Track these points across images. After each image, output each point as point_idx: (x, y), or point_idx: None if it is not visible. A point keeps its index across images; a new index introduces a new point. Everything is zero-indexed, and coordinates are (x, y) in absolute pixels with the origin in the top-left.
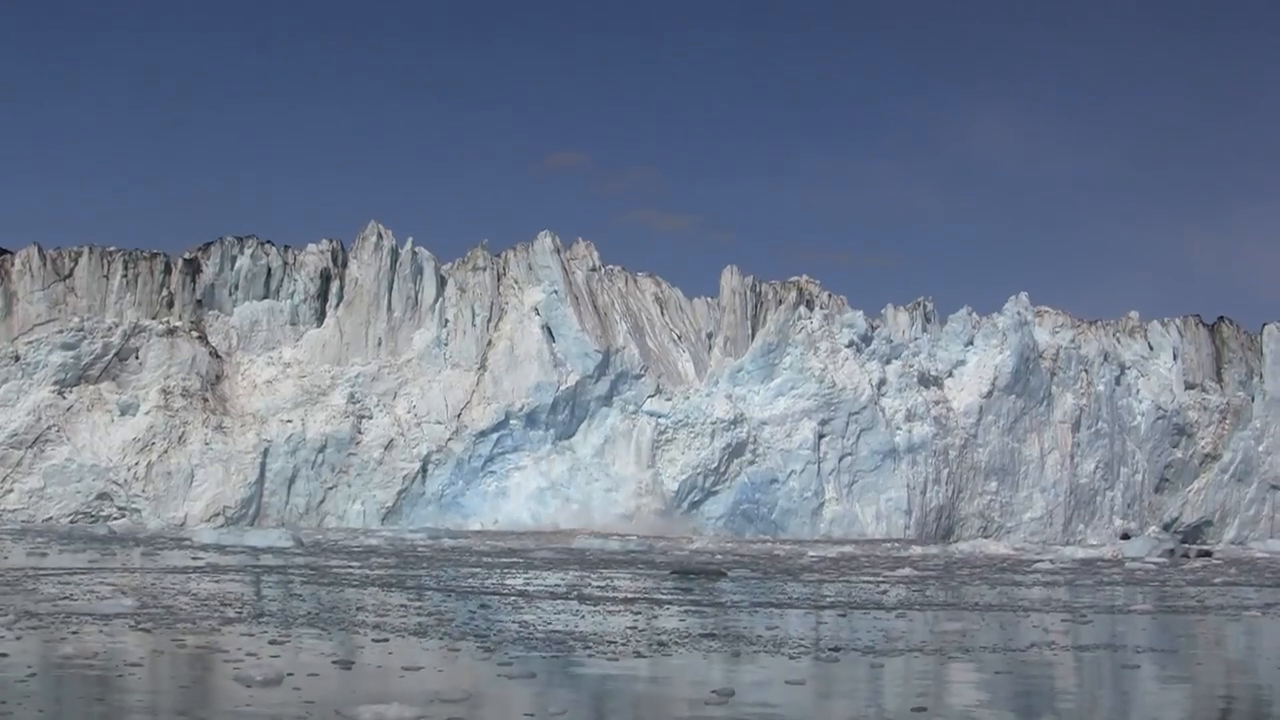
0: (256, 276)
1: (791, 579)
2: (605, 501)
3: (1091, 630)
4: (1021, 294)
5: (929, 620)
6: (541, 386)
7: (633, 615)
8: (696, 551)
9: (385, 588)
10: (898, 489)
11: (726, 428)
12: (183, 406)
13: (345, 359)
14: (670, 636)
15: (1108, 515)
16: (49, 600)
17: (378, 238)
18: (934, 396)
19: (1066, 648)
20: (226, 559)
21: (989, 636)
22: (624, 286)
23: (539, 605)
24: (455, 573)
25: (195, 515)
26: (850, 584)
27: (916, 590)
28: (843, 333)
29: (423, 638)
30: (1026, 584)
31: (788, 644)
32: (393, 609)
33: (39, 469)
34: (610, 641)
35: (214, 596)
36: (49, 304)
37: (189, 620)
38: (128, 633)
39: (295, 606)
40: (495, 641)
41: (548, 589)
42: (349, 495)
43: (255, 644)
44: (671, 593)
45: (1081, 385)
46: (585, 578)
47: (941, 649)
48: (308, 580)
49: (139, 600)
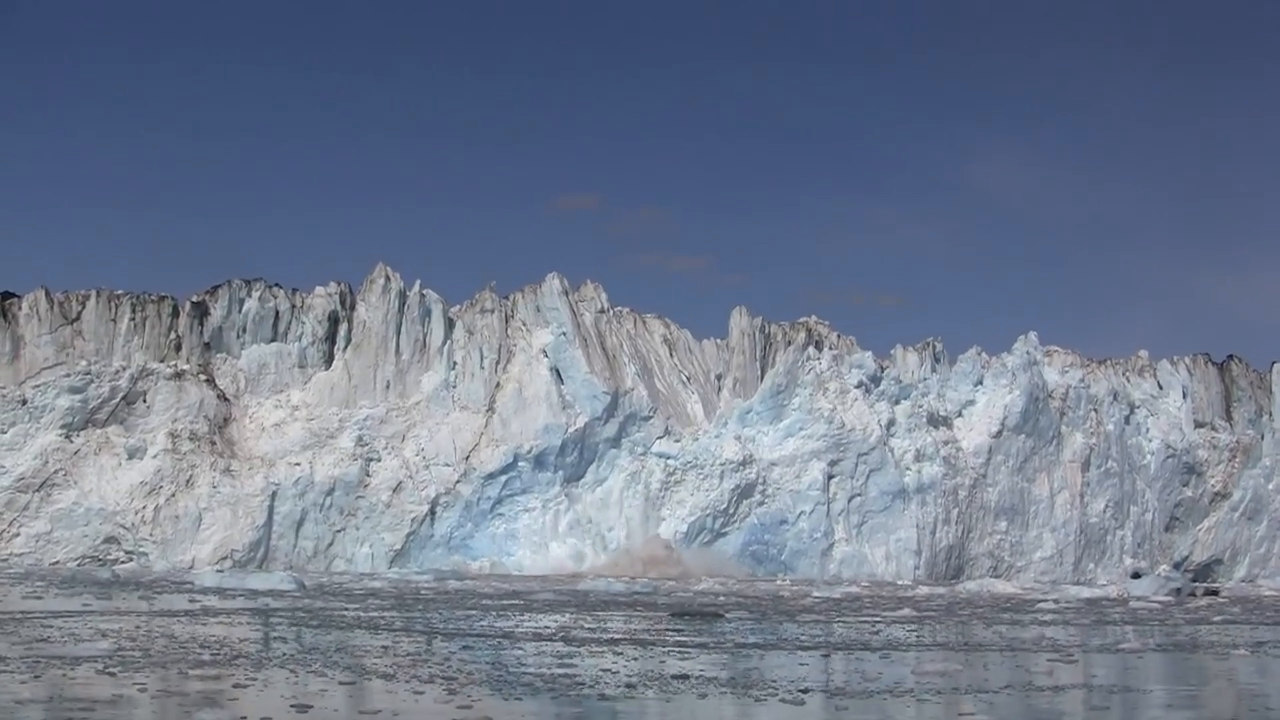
0: (264, 319)
1: (788, 620)
2: (614, 543)
3: (1072, 671)
4: (1030, 333)
5: (912, 661)
6: (550, 428)
7: (613, 657)
8: (702, 593)
9: (373, 630)
10: (907, 529)
11: (735, 469)
12: (190, 450)
13: (353, 401)
14: (642, 679)
15: (1118, 554)
16: (25, 643)
17: (385, 280)
18: (943, 436)
19: (1042, 689)
20: (223, 602)
21: (968, 677)
22: (633, 328)
23: (521, 647)
24: (449, 615)
25: (203, 558)
26: (846, 625)
27: (911, 631)
28: (852, 373)
29: (391, 680)
30: (1025, 623)
31: (758, 685)
32: (372, 651)
33: (46, 513)
34: (579, 683)
35: (194, 639)
36: (56, 347)
37: (160, 664)
38: (92, 676)
39: (274, 649)
40: (462, 684)
41: (537, 631)
42: (357, 538)
43: (218, 686)
44: (661, 634)
45: (1091, 424)
46: (579, 619)
47: (913, 690)
48: (296, 623)
49: (116, 643)
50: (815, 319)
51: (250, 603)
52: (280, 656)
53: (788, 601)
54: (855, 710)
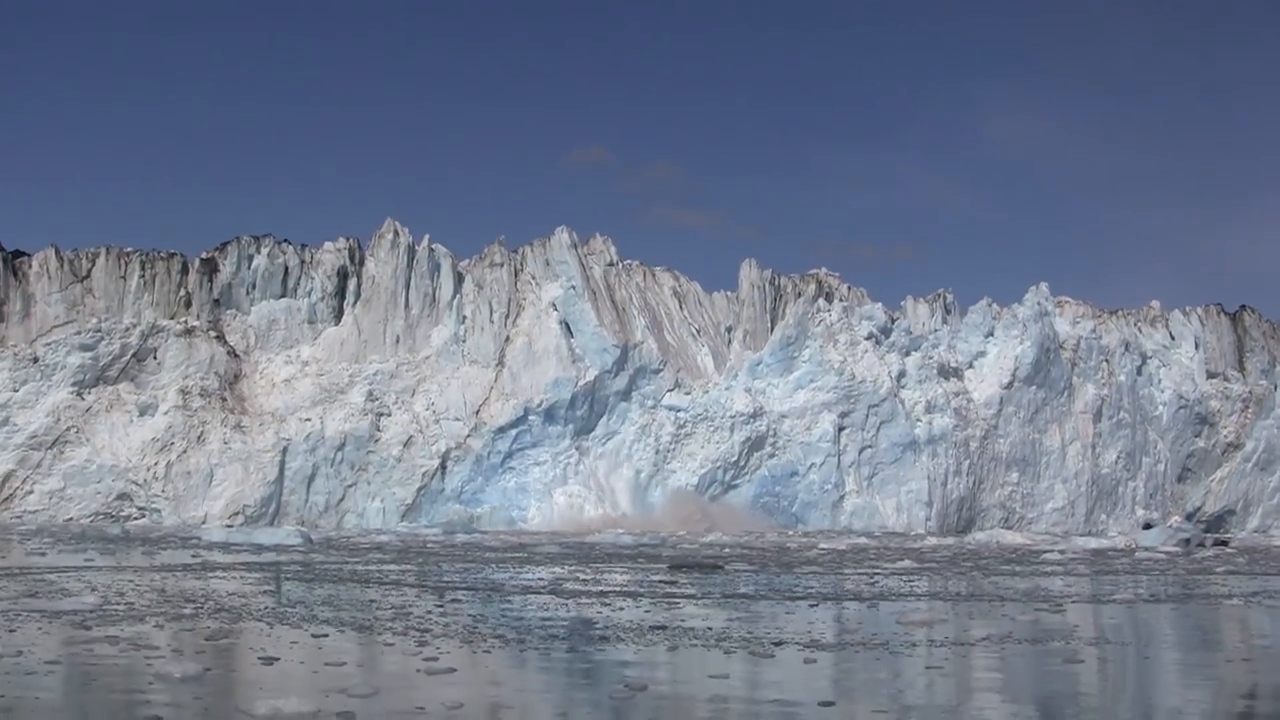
0: (273, 275)
1: (786, 571)
2: (624, 496)
3: (1057, 622)
4: (1042, 284)
5: (897, 612)
6: (560, 382)
7: (599, 609)
8: (708, 545)
9: (364, 584)
10: (918, 481)
11: (746, 421)
12: (201, 406)
13: (363, 357)
14: (618, 631)
15: (1130, 505)
16: (12, 598)
17: (394, 235)
18: (954, 388)
19: (1021, 640)
20: (225, 557)
21: (948, 629)
22: (642, 281)
23: (509, 600)
24: (447, 568)
25: (215, 514)
26: (843, 576)
27: (906, 582)
28: (862, 325)
29: (365, 632)
30: (1024, 574)
31: (733, 637)
32: (356, 604)
33: (59, 470)
34: (554, 636)
35: (183, 594)
36: (67, 305)
37: (139, 617)
38: (68, 629)
39: (257, 602)
40: (435, 637)
41: (529, 584)
42: (368, 493)
43: (192, 639)
44: (654, 587)
45: (1103, 375)
46: (576, 572)
47: (889, 642)
48: (290, 577)
49: (103, 598)
50: (825, 271)
51: (253, 557)
52: (261, 610)
53: (792, 553)
54: (823, 663)
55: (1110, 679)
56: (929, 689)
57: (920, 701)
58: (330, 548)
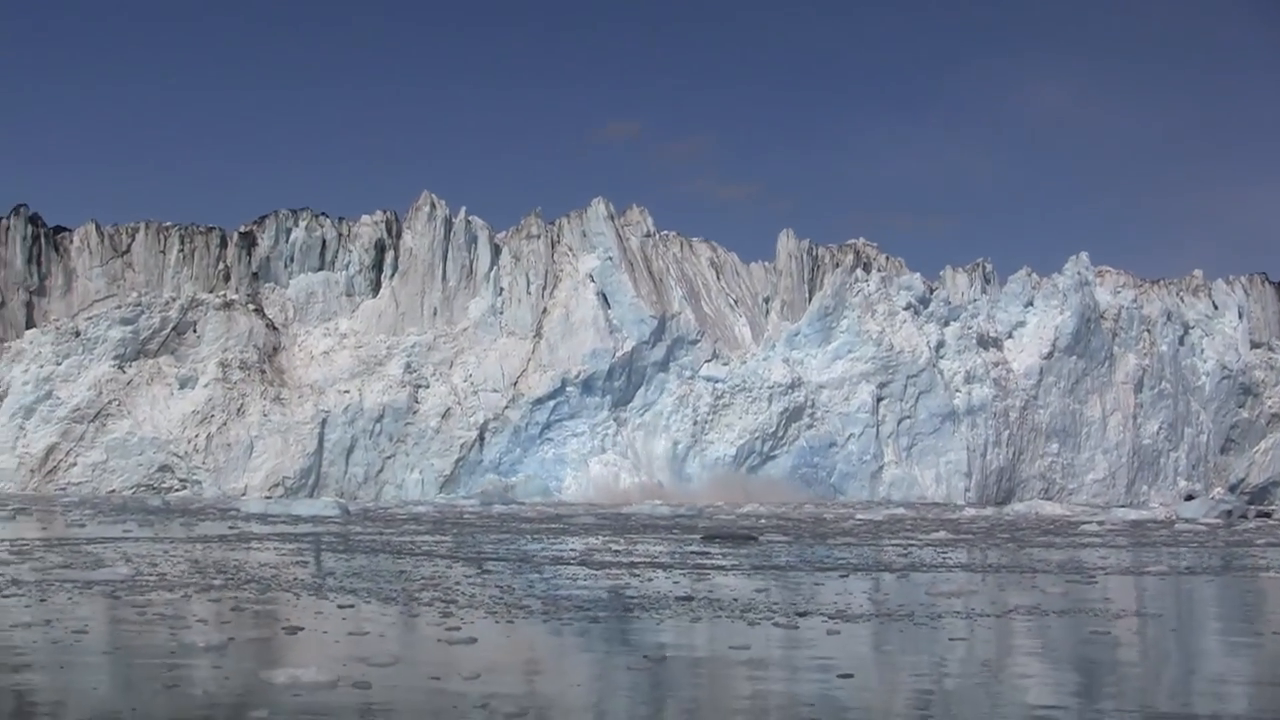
0: (311, 248)
1: (820, 543)
2: (662, 467)
3: (1087, 593)
4: (1082, 254)
5: (927, 583)
6: (597, 353)
7: (627, 580)
8: (745, 515)
9: (396, 555)
10: (957, 451)
11: (784, 392)
12: (241, 379)
13: (401, 329)
14: (645, 601)
15: (1172, 477)
16: (48, 569)
17: (431, 207)
18: (993, 358)
19: (1049, 612)
20: (262, 528)
21: (977, 601)
22: (679, 252)
23: (539, 570)
24: (481, 539)
25: (255, 486)
26: (876, 547)
27: (940, 553)
28: (900, 295)
29: (390, 603)
30: (1060, 546)
31: (758, 608)
32: (386, 575)
33: (101, 443)
34: (579, 606)
35: (214, 564)
36: (107, 280)
37: (169, 588)
38: (97, 599)
39: (288, 573)
40: (459, 608)
41: (561, 555)
42: (407, 464)
43: (220, 609)
44: (685, 558)
45: (1144, 345)
46: (610, 543)
47: (914, 613)
48: (324, 548)
49: (136, 569)
50: (863, 241)
51: (290, 528)
52: (291, 581)
53: (827, 524)
54: (846, 634)
55: (1133, 652)
56: (949, 661)
57: (938, 673)
58: (367, 519)
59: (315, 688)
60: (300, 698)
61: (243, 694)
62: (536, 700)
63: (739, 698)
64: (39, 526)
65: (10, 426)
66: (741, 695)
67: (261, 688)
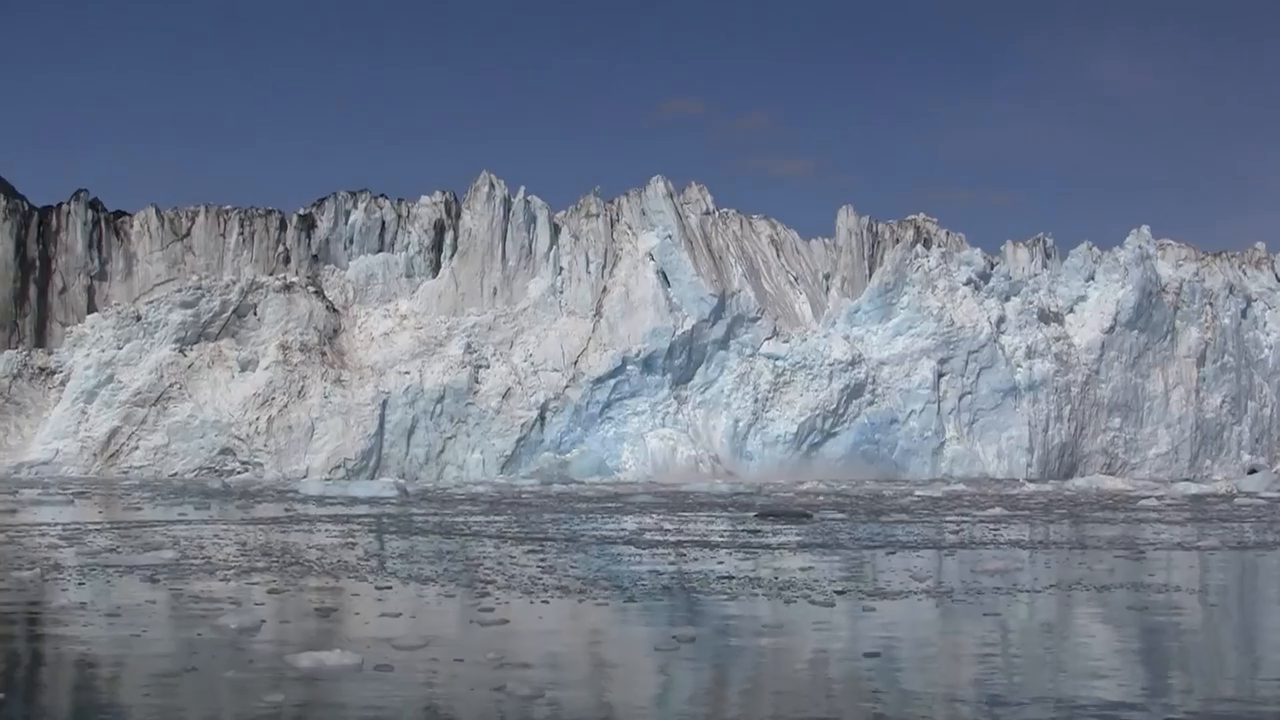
0: (371, 230)
1: (874, 520)
2: (723, 445)
3: (1134, 569)
4: (1143, 227)
5: (974, 560)
6: (657, 331)
7: (672, 560)
8: (803, 493)
9: (446, 535)
10: (1019, 427)
11: (845, 369)
12: (301, 361)
13: (461, 309)
14: (682, 580)
15: (1235, 450)
16: (93, 553)
17: (490, 187)
18: (1054, 333)
19: (1090, 588)
20: (317, 510)
21: (1021, 578)
22: (739, 229)
23: (585, 550)
24: (534, 519)
25: (316, 468)
26: (929, 524)
27: (993, 529)
28: (960, 270)
29: (428, 584)
30: (1115, 521)
31: (796, 586)
32: (430, 556)
33: (163, 426)
34: (618, 587)
35: (261, 547)
36: (168, 264)
37: (210, 570)
38: (136, 583)
39: (331, 555)
40: (497, 589)
41: (608, 534)
42: (468, 445)
43: (256, 592)
44: (735, 536)
45: (1206, 319)
46: (662, 522)
47: (954, 591)
48: (374, 530)
49: (181, 553)
50: (923, 216)
51: (345, 510)
52: (334, 563)
53: (885, 501)
54: (882, 612)
55: (1166, 626)
56: (978, 638)
57: (965, 651)
58: (424, 500)
59: (338, 671)
60: (319, 683)
61: (262, 677)
62: (557, 682)
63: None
64: (96, 510)
65: (73, 411)
66: (764, 675)
67: (283, 671)
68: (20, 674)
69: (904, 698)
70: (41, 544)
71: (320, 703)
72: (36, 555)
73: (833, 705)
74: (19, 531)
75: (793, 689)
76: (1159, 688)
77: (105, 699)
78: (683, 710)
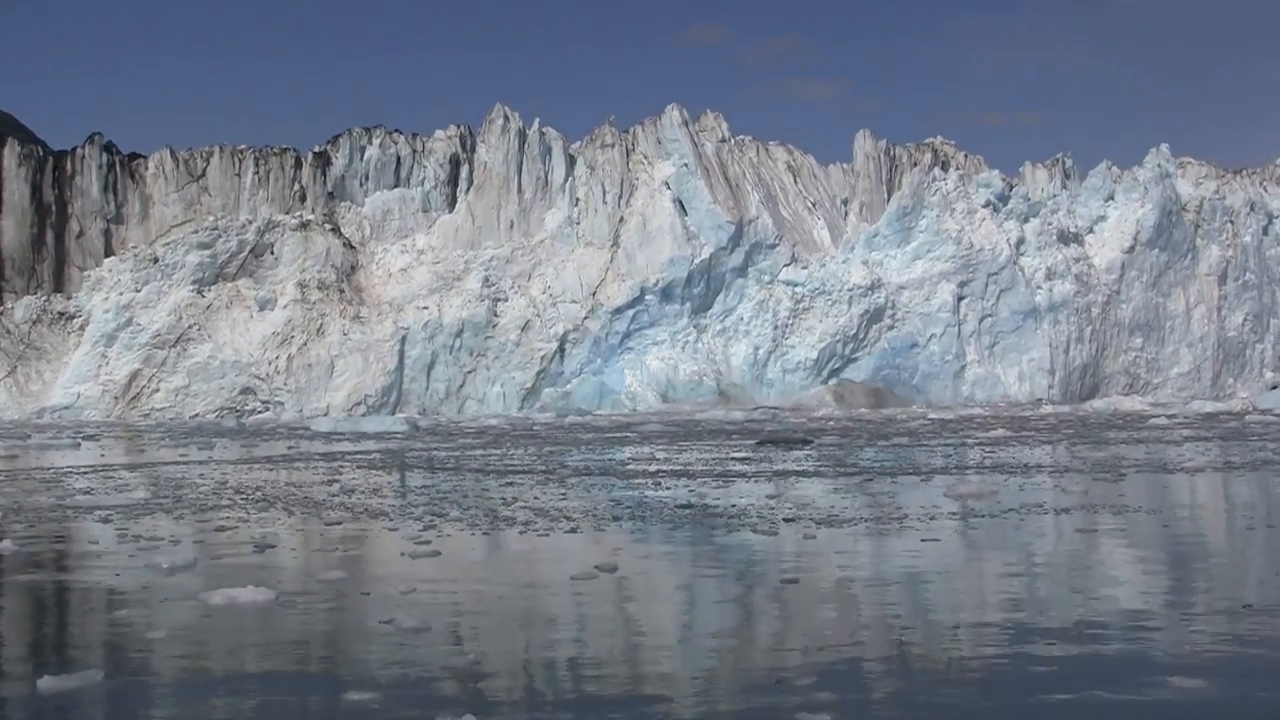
0: (386, 166)
1: (870, 445)
2: (743, 373)
3: (1106, 491)
4: (1163, 145)
5: (947, 485)
6: (675, 261)
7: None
8: (816, 419)
9: (432, 470)
10: (1040, 349)
11: (864, 294)
12: (319, 299)
13: (478, 243)
14: (643, 510)
15: (1258, 368)
16: (66, 495)
17: (504, 120)
18: (1074, 254)
19: (1048, 511)
20: (320, 447)
21: (986, 502)
22: (755, 156)
23: (559, 482)
24: (533, 452)
25: (337, 405)
26: (925, 448)
27: (985, 452)
28: (979, 193)
29: (378, 518)
30: (1113, 442)
31: (750, 515)
32: (409, 491)
33: (183, 367)
34: (566, 517)
35: (237, 486)
36: (184, 205)
37: (168, 510)
38: (88, 524)
39: (301, 492)
40: (446, 521)
41: (592, 465)
42: (488, 378)
43: (204, 530)
44: (723, 464)
45: (1227, 237)
46: (659, 451)
47: (907, 516)
48: (364, 465)
49: (152, 493)
50: (941, 139)
51: (350, 446)
52: (301, 499)
53: (892, 425)
54: (822, 539)
55: (1105, 549)
56: (901, 564)
57: (881, 576)
58: (430, 434)
59: (245, 607)
60: (209, 619)
61: (159, 615)
62: (455, 613)
63: (670, 608)
64: (98, 454)
65: (93, 355)
66: (674, 605)
67: (190, 608)
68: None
69: (818, 624)
70: (23, 488)
71: (197, 639)
72: (5, 499)
73: (725, 628)
74: (5, 478)
75: (689, 619)
76: (1046, 605)
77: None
78: (556, 639)
